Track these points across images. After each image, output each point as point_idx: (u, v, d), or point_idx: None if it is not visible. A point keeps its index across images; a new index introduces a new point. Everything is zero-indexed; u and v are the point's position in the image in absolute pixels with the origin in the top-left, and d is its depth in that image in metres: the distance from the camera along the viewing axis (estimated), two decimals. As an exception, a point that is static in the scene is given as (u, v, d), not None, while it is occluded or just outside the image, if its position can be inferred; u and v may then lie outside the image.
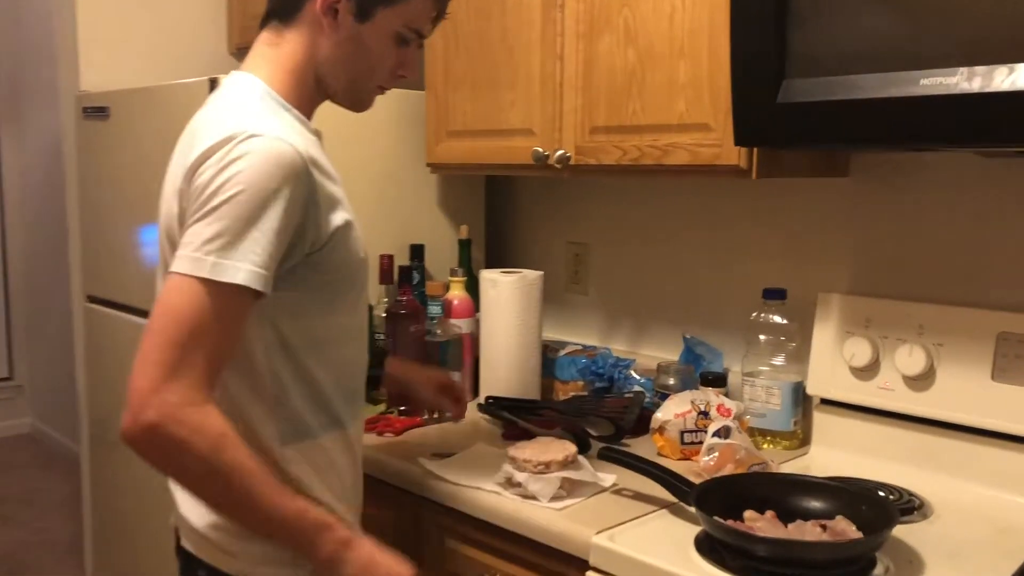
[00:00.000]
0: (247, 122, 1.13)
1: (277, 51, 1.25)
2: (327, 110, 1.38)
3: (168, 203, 1.22)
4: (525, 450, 1.46)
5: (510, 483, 1.46)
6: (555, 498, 1.42)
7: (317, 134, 1.27)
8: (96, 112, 2.26)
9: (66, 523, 3.76)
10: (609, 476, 1.49)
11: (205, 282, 1.06)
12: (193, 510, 1.24)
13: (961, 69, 1.15)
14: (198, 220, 1.09)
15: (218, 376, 1.10)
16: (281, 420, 1.20)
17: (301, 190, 1.12)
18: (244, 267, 1.07)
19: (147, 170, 1.94)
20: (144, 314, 1.29)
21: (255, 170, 1.09)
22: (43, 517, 3.94)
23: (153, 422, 1.03)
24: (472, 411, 1.86)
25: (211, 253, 1.07)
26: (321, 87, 1.28)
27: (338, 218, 1.20)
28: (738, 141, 1.41)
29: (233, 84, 1.25)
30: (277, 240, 1.10)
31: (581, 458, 1.49)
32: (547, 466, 1.43)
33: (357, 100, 1.32)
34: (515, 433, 1.71)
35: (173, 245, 1.17)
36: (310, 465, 1.22)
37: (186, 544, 1.27)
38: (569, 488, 1.44)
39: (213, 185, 1.09)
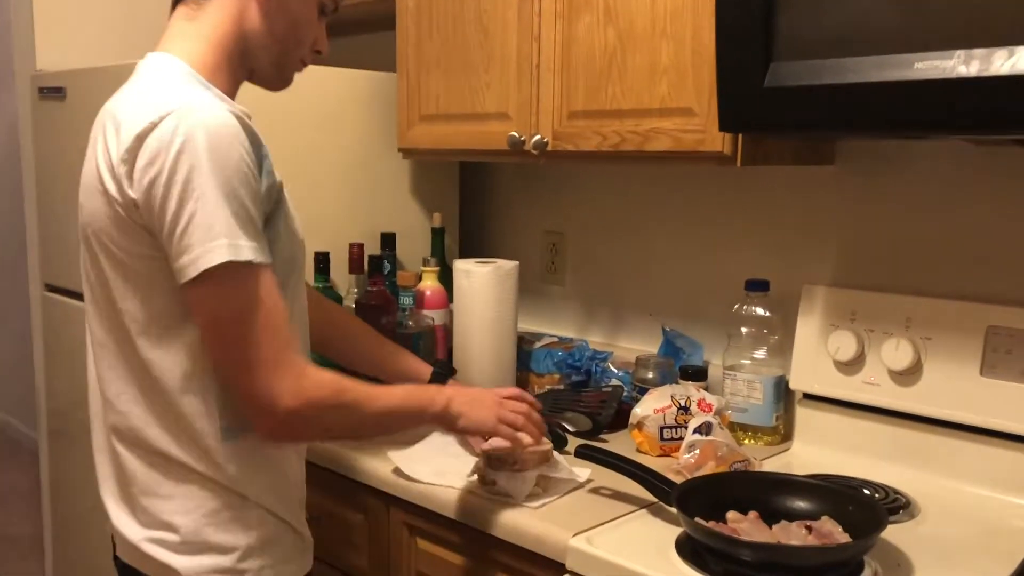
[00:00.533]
0: (181, 97, 1.07)
1: (197, 25, 1.18)
2: (292, 93, 1.32)
3: (92, 187, 1.13)
4: (499, 447, 1.40)
5: (484, 481, 1.40)
6: (531, 496, 1.37)
7: (247, 115, 1.18)
8: (52, 92, 2.17)
9: (29, 517, 3.65)
10: (583, 471, 1.44)
11: (234, 265, 1.04)
12: (128, 524, 1.18)
13: (958, 52, 1.09)
14: (191, 218, 1.03)
15: (298, 337, 1.14)
16: (222, 415, 1.14)
17: (251, 152, 1.09)
18: (251, 245, 1.07)
19: (105, 153, 1.85)
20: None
21: (210, 146, 1.04)
22: (5, 511, 3.84)
23: (293, 408, 1.08)
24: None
25: (221, 236, 1.04)
26: (246, 62, 1.21)
27: (276, 188, 1.15)
28: (723, 127, 1.36)
29: (150, 66, 1.16)
30: (256, 206, 1.09)
31: (556, 454, 1.44)
32: (523, 464, 1.38)
33: (283, 76, 1.27)
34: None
35: (106, 245, 1.12)
36: (250, 460, 1.17)
37: (123, 556, 1.21)
38: (545, 485, 1.39)
39: (179, 176, 1.03)
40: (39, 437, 2.58)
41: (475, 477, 1.42)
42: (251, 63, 1.22)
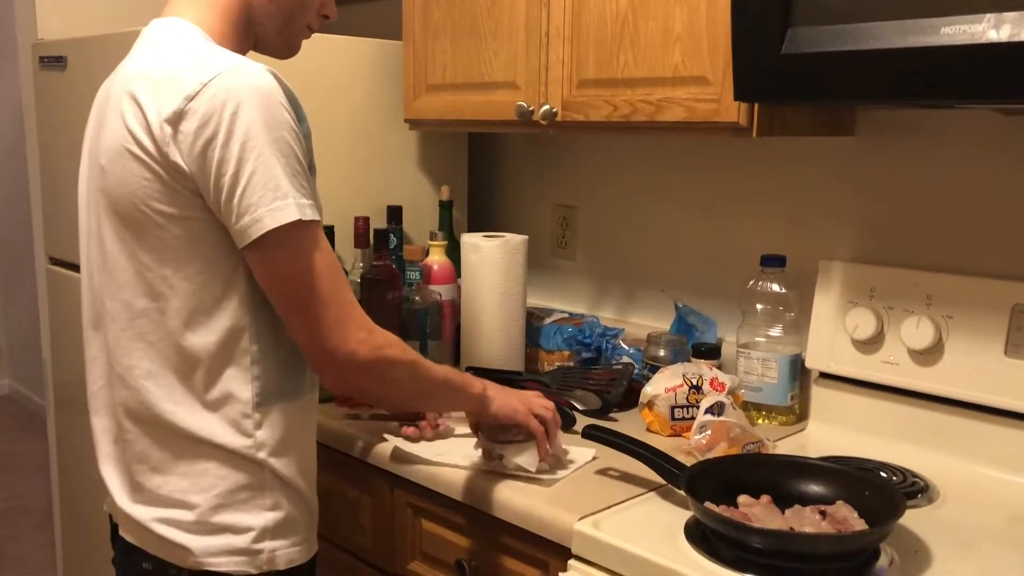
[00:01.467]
0: (221, 60, 1.07)
1: None
2: (294, 62, 1.29)
3: (121, 163, 1.10)
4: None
5: (489, 457, 1.38)
6: (540, 471, 1.34)
7: None
8: (53, 62, 2.13)
9: (42, 489, 3.67)
10: (588, 450, 1.42)
11: (304, 224, 1.06)
12: (134, 504, 1.16)
13: (988, 15, 1.04)
14: (250, 177, 1.04)
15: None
16: (255, 381, 1.13)
17: (293, 112, 1.09)
18: (312, 202, 1.09)
19: (105, 124, 1.82)
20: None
21: (263, 109, 1.04)
22: (18, 483, 3.86)
23: (367, 359, 1.11)
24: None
25: (287, 196, 1.05)
26: (251, 30, 1.20)
27: (311, 142, 1.15)
28: (738, 96, 1.31)
29: (166, 29, 1.15)
30: (307, 165, 1.11)
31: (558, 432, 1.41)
32: (528, 436, 1.35)
33: (289, 43, 1.26)
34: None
35: (139, 210, 1.09)
36: (276, 430, 1.16)
37: (127, 536, 1.18)
38: (552, 461, 1.37)
39: (236, 141, 1.03)
40: (47, 408, 2.58)
41: (479, 452, 1.39)
42: (256, 31, 1.21)
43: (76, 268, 2.18)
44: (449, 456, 1.42)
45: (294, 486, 1.18)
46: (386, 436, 1.50)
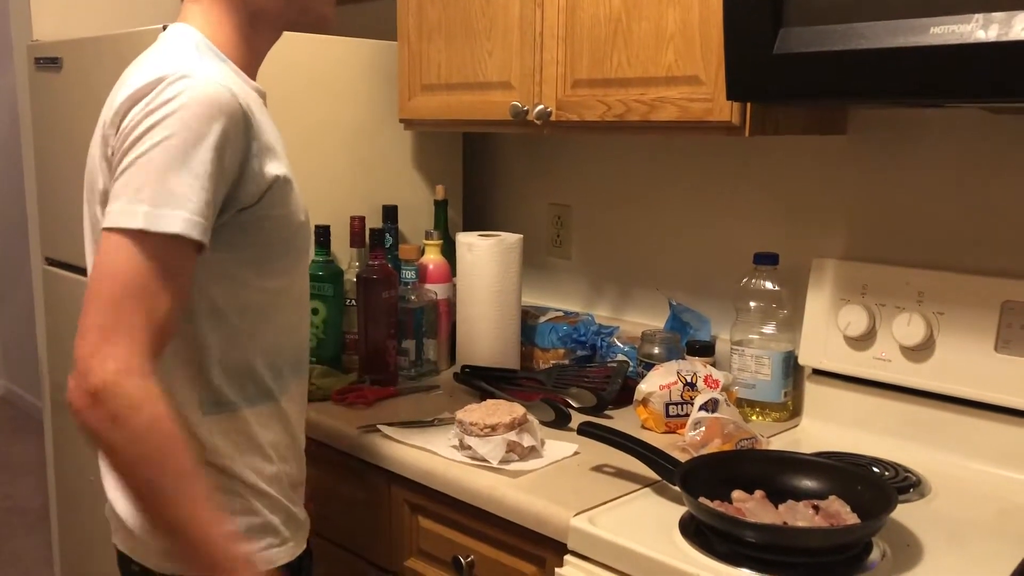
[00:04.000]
0: (180, 64, 1.05)
1: (202, 5, 1.16)
2: (290, 63, 1.27)
3: (94, 154, 1.13)
4: (473, 413, 1.44)
5: (461, 445, 1.43)
6: (504, 460, 1.38)
7: (260, 93, 1.18)
8: (48, 63, 2.13)
9: (37, 490, 3.67)
10: (569, 445, 1.44)
11: (141, 234, 0.98)
12: (123, 505, 1.16)
13: (976, 16, 1.05)
14: (127, 168, 1.00)
15: (166, 338, 1.01)
16: (202, 388, 1.12)
17: (237, 135, 1.04)
18: (180, 215, 0.99)
19: (101, 125, 1.82)
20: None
21: (187, 111, 1.00)
22: (13, 483, 3.86)
23: (95, 387, 0.94)
24: (449, 381, 1.80)
25: (143, 202, 0.98)
26: (262, 23, 1.18)
27: (275, 170, 1.11)
28: (731, 95, 1.32)
29: (167, 36, 1.16)
30: (212, 186, 1.02)
31: (535, 423, 1.45)
32: (493, 429, 1.40)
33: (315, 14, 1.21)
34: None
35: (98, 198, 1.10)
36: (230, 437, 1.14)
37: (116, 541, 1.19)
38: (521, 453, 1.40)
39: (141, 128, 1.01)
40: (43, 409, 2.57)
41: (456, 442, 1.44)
42: (267, 19, 1.18)
43: (72, 268, 2.19)
44: (431, 443, 1.47)
45: (261, 490, 1.17)
46: (379, 426, 1.53)
